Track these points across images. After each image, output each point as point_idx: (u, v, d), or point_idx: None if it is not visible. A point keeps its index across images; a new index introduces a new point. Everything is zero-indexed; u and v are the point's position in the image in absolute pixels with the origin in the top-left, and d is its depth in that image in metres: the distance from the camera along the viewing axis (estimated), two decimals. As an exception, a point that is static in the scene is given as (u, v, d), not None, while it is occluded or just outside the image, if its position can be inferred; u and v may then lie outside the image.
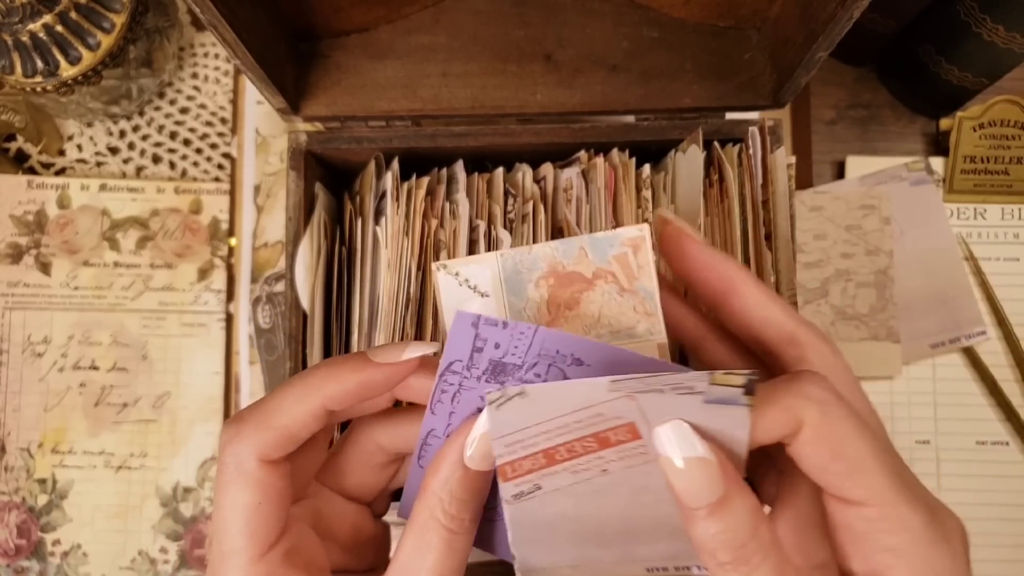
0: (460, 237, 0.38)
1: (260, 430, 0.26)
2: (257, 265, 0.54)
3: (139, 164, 0.55)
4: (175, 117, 0.55)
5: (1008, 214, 0.54)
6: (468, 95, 0.41)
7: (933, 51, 0.50)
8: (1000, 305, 0.52)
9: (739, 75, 0.41)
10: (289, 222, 0.39)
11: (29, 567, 0.51)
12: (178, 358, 0.53)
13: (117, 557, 0.51)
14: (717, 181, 0.38)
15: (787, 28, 0.38)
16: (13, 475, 0.52)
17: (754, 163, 0.38)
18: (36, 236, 0.53)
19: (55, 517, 0.51)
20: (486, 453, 0.26)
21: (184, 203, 0.54)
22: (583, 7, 0.41)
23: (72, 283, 0.53)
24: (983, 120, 0.54)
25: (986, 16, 0.45)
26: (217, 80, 0.56)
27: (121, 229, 0.54)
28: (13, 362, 0.52)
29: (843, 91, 0.56)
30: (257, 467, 0.25)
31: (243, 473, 0.25)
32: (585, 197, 0.39)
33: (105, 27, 0.47)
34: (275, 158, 0.54)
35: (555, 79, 0.41)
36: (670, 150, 0.42)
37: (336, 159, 0.42)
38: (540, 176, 0.41)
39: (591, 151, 0.41)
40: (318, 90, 0.41)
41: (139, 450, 0.52)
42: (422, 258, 0.37)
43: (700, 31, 0.42)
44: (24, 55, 0.46)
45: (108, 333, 0.53)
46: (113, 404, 0.52)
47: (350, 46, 0.42)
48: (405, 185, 0.38)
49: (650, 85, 0.41)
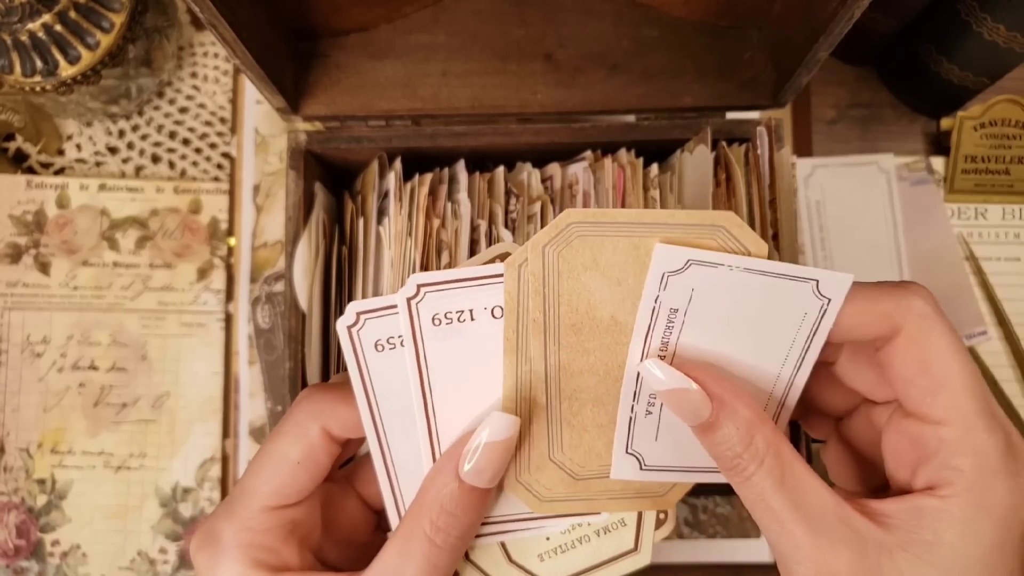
0: (462, 237, 0.38)
1: (339, 405, 0.27)
2: (256, 265, 0.54)
3: (138, 164, 0.55)
4: (174, 117, 0.55)
5: (1009, 214, 0.54)
6: (468, 94, 0.41)
7: (934, 50, 0.49)
8: (1001, 305, 0.52)
9: (740, 74, 0.41)
10: (288, 222, 0.39)
11: (28, 567, 0.51)
12: (177, 358, 0.53)
13: (116, 557, 0.51)
14: (724, 181, 0.38)
15: (788, 27, 0.38)
16: (12, 475, 0.52)
17: (761, 163, 0.38)
18: (35, 236, 0.53)
19: (54, 517, 0.51)
20: (482, 468, 0.26)
21: (183, 203, 0.54)
22: (583, 6, 0.41)
23: (71, 283, 0.53)
24: (984, 120, 0.53)
25: (987, 15, 0.45)
26: (216, 80, 0.56)
27: (120, 229, 0.53)
28: (12, 362, 0.52)
29: (844, 90, 0.56)
30: (318, 433, 0.27)
31: (303, 432, 0.27)
32: (593, 196, 0.39)
33: (104, 26, 0.47)
34: (274, 158, 0.54)
35: (555, 79, 0.41)
36: (670, 149, 0.41)
37: (336, 159, 0.42)
38: (547, 176, 0.41)
39: (598, 151, 0.41)
40: (318, 89, 0.41)
41: (138, 450, 0.52)
42: (425, 258, 0.37)
43: (700, 30, 0.42)
44: (23, 54, 0.46)
45: (107, 333, 0.53)
46: (112, 404, 0.52)
47: (350, 45, 0.42)
48: (408, 184, 0.38)
49: (650, 84, 0.41)
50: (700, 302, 0.25)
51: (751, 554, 0.51)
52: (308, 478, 0.27)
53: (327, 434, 0.27)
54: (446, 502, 0.26)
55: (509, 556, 0.29)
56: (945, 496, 0.22)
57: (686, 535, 0.51)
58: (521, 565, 0.29)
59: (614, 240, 0.25)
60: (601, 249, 0.25)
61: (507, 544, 0.29)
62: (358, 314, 0.26)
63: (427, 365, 0.26)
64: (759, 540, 0.51)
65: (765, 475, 0.23)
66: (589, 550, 0.28)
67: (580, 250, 0.25)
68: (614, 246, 0.25)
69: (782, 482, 0.23)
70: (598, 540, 0.29)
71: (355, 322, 0.26)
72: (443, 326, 0.26)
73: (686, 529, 0.51)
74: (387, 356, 0.26)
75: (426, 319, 0.26)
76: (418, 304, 0.26)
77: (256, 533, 0.26)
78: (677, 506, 0.33)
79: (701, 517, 0.51)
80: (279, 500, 0.27)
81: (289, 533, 0.27)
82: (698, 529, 0.51)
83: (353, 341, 0.26)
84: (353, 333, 0.26)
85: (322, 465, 0.27)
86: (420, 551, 0.25)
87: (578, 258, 0.25)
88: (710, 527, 0.51)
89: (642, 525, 0.29)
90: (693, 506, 0.52)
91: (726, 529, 0.51)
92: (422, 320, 0.26)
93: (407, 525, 0.26)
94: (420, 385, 0.27)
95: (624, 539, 0.28)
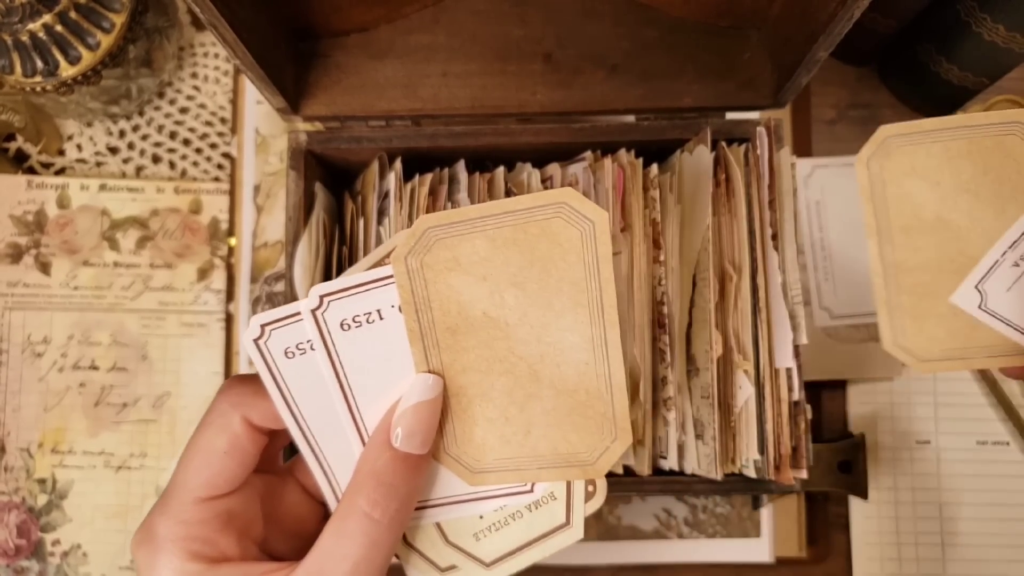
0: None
1: (258, 398, 0.27)
2: (257, 265, 0.54)
3: (139, 164, 0.55)
4: (175, 117, 0.55)
5: (1009, 214, 0.54)
6: (468, 95, 0.41)
7: (934, 51, 0.49)
8: (1001, 305, 0.52)
9: (739, 75, 0.41)
10: (289, 222, 0.39)
11: (29, 567, 0.51)
12: (178, 358, 0.53)
13: (117, 557, 0.51)
14: (724, 181, 0.38)
15: (787, 27, 0.38)
16: (13, 475, 0.52)
17: (761, 163, 0.38)
18: (36, 236, 0.53)
19: (55, 517, 0.51)
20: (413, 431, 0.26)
21: (184, 203, 0.54)
22: (583, 7, 0.41)
23: (72, 283, 0.53)
24: (984, 120, 0.53)
25: (986, 16, 0.45)
26: (217, 80, 0.56)
27: (121, 229, 0.54)
28: (13, 362, 0.52)
29: (844, 91, 0.56)
30: (240, 423, 0.27)
31: (226, 423, 0.27)
32: (593, 195, 0.39)
33: (105, 27, 0.47)
34: (275, 158, 0.54)
35: (555, 79, 0.41)
36: (670, 150, 0.42)
37: (336, 159, 0.42)
38: (547, 176, 0.41)
39: (598, 151, 0.41)
40: (318, 90, 0.41)
41: (139, 450, 0.52)
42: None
43: (700, 30, 0.42)
44: (24, 55, 0.46)
45: (108, 333, 0.53)
46: (113, 404, 0.52)
47: (350, 46, 0.42)
48: (408, 185, 0.38)
49: (650, 85, 0.41)
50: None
51: (751, 554, 0.51)
52: (237, 467, 0.27)
53: (249, 424, 0.27)
54: (381, 473, 0.25)
55: (446, 537, 0.29)
56: None
57: (686, 535, 0.51)
58: (458, 546, 0.29)
59: (471, 238, 0.26)
60: (460, 248, 0.26)
61: (443, 526, 0.29)
62: (262, 326, 0.26)
63: (342, 367, 0.27)
64: (759, 540, 0.51)
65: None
66: (523, 526, 0.29)
67: (440, 253, 0.26)
68: (472, 244, 0.26)
69: None
70: (530, 515, 0.29)
71: (260, 334, 0.26)
72: (352, 329, 0.26)
73: (686, 529, 0.51)
74: (298, 361, 0.27)
75: (334, 325, 0.26)
76: (324, 313, 0.26)
77: (191, 525, 0.26)
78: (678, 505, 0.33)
79: (701, 517, 0.51)
80: (210, 491, 0.26)
81: (225, 524, 0.27)
82: (698, 529, 0.51)
83: (262, 352, 0.26)
84: (260, 344, 0.26)
85: (249, 454, 0.27)
86: (359, 528, 0.25)
87: (440, 262, 0.26)
88: (710, 527, 0.51)
89: (572, 498, 0.29)
90: (693, 506, 0.52)
91: (726, 529, 0.51)
92: (330, 327, 0.26)
93: (343, 505, 0.26)
94: (339, 386, 0.27)
95: (556, 513, 0.29)
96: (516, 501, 0.29)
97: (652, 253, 0.38)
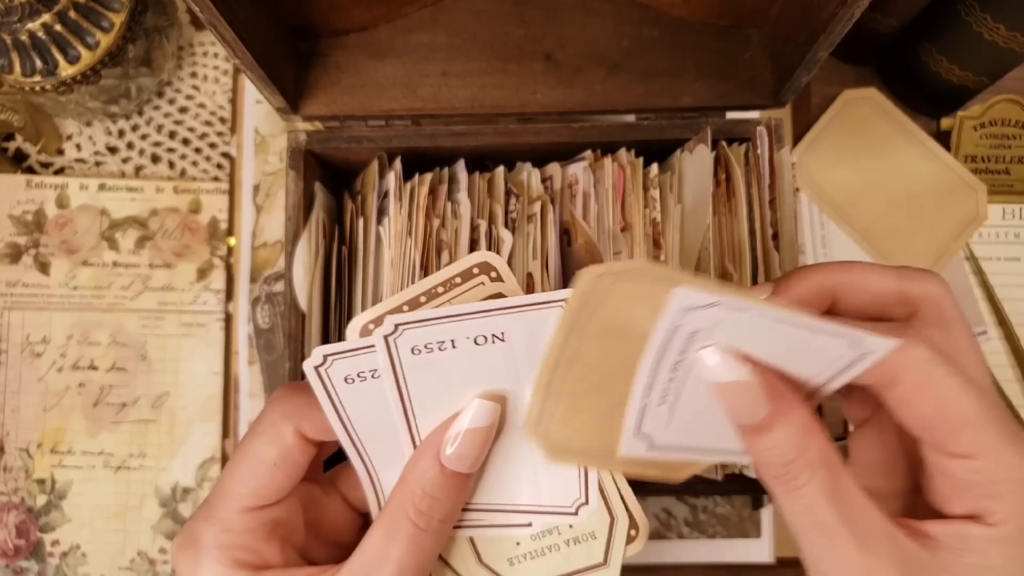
0: (462, 237, 0.38)
1: (312, 410, 0.27)
2: (256, 265, 0.54)
3: (138, 164, 0.55)
4: (174, 116, 0.55)
5: (1009, 214, 0.54)
6: (468, 94, 0.41)
7: (934, 50, 0.49)
8: (1001, 305, 0.52)
9: (740, 74, 0.41)
10: (288, 222, 0.39)
11: (28, 567, 0.51)
12: (177, 358, 0.53)
13: (116, 557, 0.51)
14: (724, 181, 0.38)
15: (788, 27, 0.38)
16: (12, 475, 0.51)
17: (762, 163, 0.38)
18: (35, 236, 0.53)
19: (54, 517, 0.51)
20: (464, 454, 0.26)
21: (183, 203, 0.54)
22: (583, 6, 0.41)
23: (71, 283, 0.53)
24: (984, 120, 0.53)
25: (987, 15, 0.45)
26: (216, 79, 0.56)
27: (120, 229, 0.53)
28: (12, 362, 0.52)
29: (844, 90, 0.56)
30: (292, 434, 0.27)
31: (277, 433, 0.27)
32: (593, 195, 0.39)
33: (104, 26, 0.47)
34: (274, 157, 0.54)
35: (555, 78, 0.41)
36: (670, 149, 0.41)
37: (335, 158, 0.42)
38: (547, 176, 0.41)
39: (598, 151, 0.41)
40: (317, 89, 0.41)
41: (138, 450, 0.52)
42: (424, 258, 0.37)
43: (701, 30, 0.42)
44: (23, 54, 0.46)
45: (107, 333, 0.53)
46: (112, 404, 0.52)
47: (350, 45, 0.41)
48: (408, 184, 0.38)
49: (650, 84, 0.41)
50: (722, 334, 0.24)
51: (751, 554, 0.51)
52: (285, 479, 0.27)
53: (301, 435, 0.27)
54: (428, 486, 0.26)
55: (479, 557, 0.29)
56: (990, 524, 0.22)
57: (686, 535, 0.51)
58: (491, 567, 0.29)
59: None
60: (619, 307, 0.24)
61: (478, 545, 0.29)
62: (325, 356, 0.26)
63: (408, 392, 0.27)
64: (759, 540, 0.51)
65: (817, 488, 0.22)
66: (558, 559, 0.29)
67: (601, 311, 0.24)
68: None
69: (834, 496, 0.22)
70: (568, 550, 0.29)
71: (322, 363, 0.26)
72: (423, 355, 0.26)
73: (686, 529, 0.51)
74: (358, 387, 0.26)
75: (405, 351, 0.26)
76: (396, 339, 0.26)
77: (236, 534, 0.26)
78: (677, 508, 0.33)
79: (701, 517, 0.51)
80: (257, 501, 0.27)
81: (270, 532, 0.27)
82: (698, 529, 0.51)
83: (322, 378, 0.26)
84: (321, 372, 0.26)
85: (299, 465, 0.27)
86: (404, 533, 0.26)
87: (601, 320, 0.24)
88: (710, 527, 0.51)
89: (612, 539, 0.29)
90: (693, 506, 0.51)
91: (726, 529, 0.51)
92: (401, 353, 0.26)
93: (390, 509, 0.26)
94: (403, 411, 0.27)
95: (594, 552, 0.28)
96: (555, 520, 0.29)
97: (652, 253, 0.38)
